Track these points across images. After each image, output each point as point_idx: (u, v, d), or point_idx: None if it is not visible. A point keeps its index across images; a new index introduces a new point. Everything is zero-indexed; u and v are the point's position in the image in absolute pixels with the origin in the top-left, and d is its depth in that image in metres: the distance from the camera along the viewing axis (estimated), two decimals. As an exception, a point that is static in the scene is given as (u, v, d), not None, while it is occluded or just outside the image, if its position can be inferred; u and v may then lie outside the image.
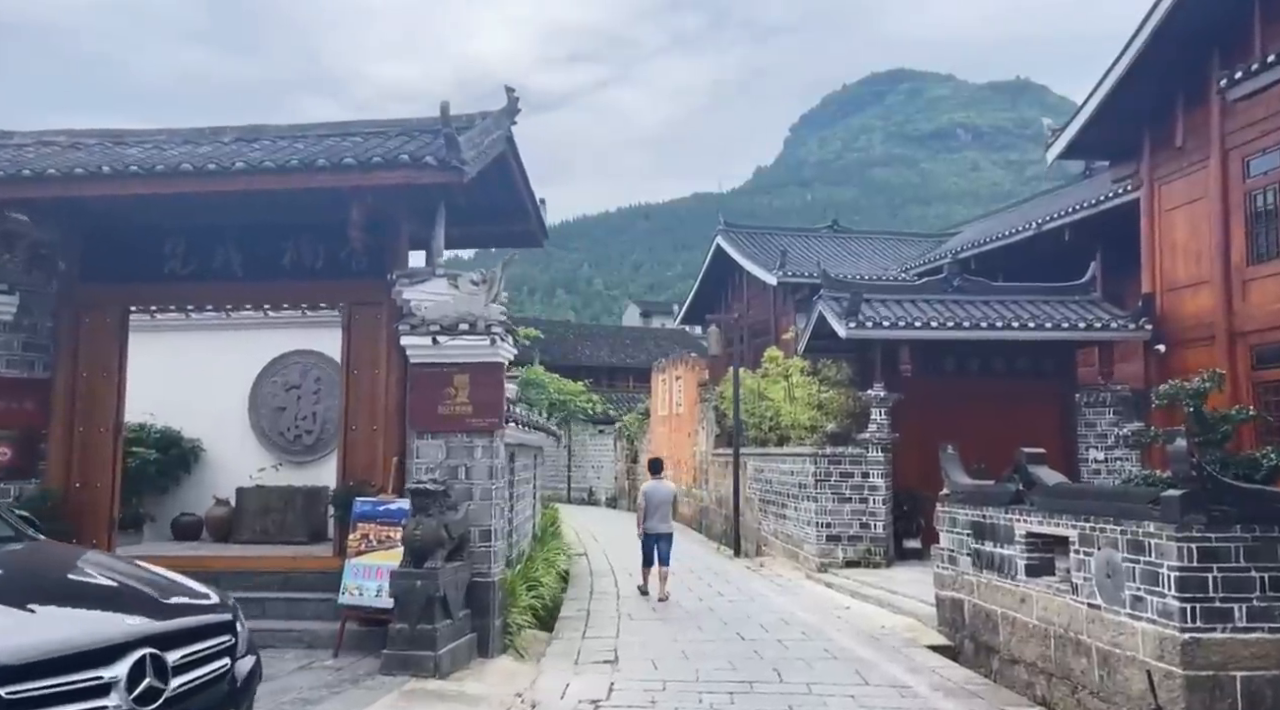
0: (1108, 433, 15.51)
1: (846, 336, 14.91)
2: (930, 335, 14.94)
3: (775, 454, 17.53)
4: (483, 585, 8.38)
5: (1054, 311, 15.52)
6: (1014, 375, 16.10)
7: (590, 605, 12.07)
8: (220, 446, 12.98)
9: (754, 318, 30.82)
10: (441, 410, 8.49)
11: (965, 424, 15.66)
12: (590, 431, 38.15)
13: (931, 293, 16.13)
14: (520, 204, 10.48)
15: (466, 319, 8.40)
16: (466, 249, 12.66)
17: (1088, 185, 24.15)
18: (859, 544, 14.89)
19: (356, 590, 8.03)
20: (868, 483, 15.01)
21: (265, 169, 8.25)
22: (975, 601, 9.23)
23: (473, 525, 8.41)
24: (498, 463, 8.64)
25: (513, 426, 9.53)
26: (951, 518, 9.90)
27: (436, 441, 8.53)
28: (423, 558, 7.61)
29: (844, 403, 16.67)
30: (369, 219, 9.02)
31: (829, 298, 15.86)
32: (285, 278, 9.64)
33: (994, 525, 8.88)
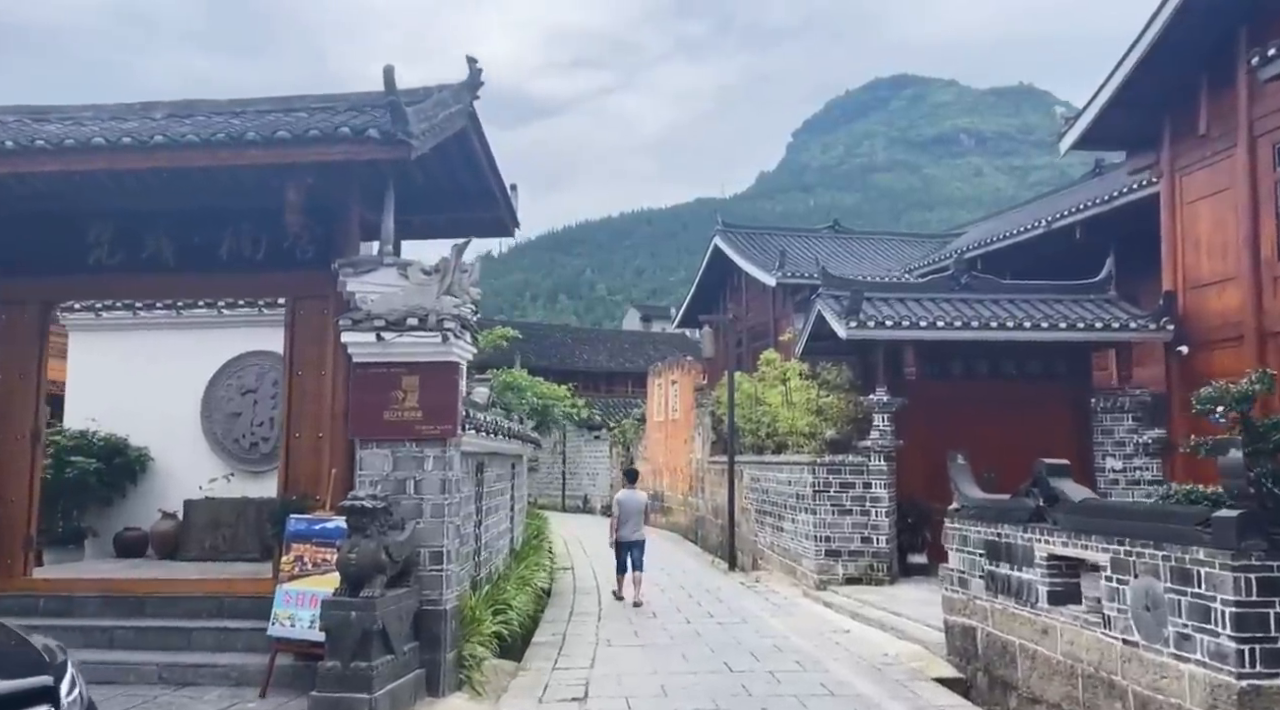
0: (1126, 440, 14.51)
1: (847, 337, 13.94)
2: (936, 335, 13.96)
3: (772, 462, 16.55)
4: (433, 614, 7.41)
5: (1068, 311, 14.54)
6: (1025, 379, 15.13)
7: (567, 628, 11.09)
8: (170, 455, 12.03)
9: (753, 320, 29.86)
10: (388, 416, 7.54)
11: (973, 431, 14.70)
12: (585, 438, 37.20)
13: (937, 291, 15.16)
14: (486, 188, 9.54)
15: (416, 313, 7.45)
16: (431, 239, 11.69)
17: (1098, 183, 23.24)
18: (860, 559, 13.90)
19: (288, 620, 7.07)
20: (870, 494, 14.02)
21: (188, 144, 7.32)
22: (989, 630, 8.24)
23: (421, 546, 7.45)
24: (452, 475, 7.68)
25: (474, 433, 8.57)
26: (962, 535, 8.92)
27: (382, 451, 7.58)
28: (359, 584, 6.65)
29: (844, 408, 15.69)
30: (313, 203, 8.09)
31: (828, 296, 14.90)
32: (222, 269, 8.70)
33: (1010, 545, 7.90)
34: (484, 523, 10.58)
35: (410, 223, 9.81)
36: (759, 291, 29.38)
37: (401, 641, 6.93)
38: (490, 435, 9.96)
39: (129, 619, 8.14)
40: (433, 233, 10.17)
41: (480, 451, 10.13)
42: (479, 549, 10.23)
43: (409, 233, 9.94)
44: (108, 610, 8.28)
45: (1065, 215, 20.56)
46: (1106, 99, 14.41)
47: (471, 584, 9.73)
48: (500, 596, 9.94)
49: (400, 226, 9.64)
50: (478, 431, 9.10)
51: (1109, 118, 14.57)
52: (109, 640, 7.92)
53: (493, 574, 11.09)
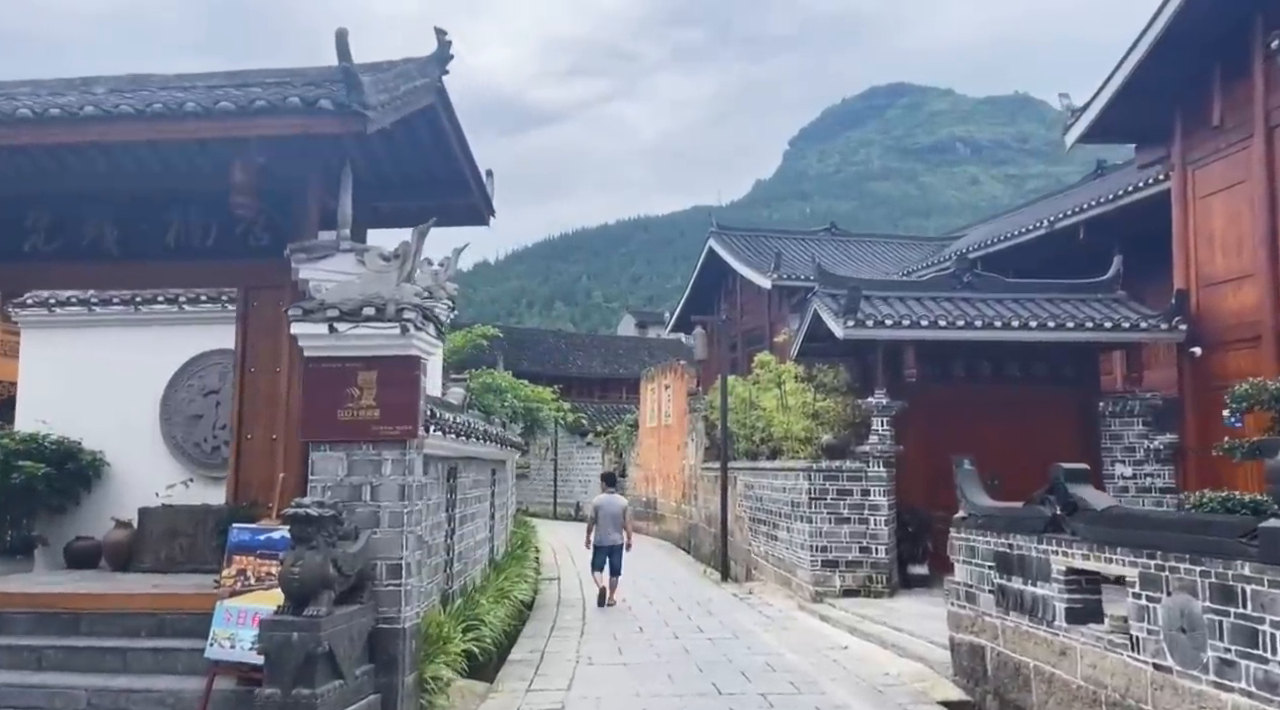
0: (1136, 445, 13.86)
1: (844, 337, 13.29)
2: (938, 335, 13.32)
3: (766, 468, 15.89)
4: (390, 633, 6.73)
5: (1075, 311, 13.91)
6: (1030, 382, 14.50)
7: (547, 645, 10.40)
8: (126, 459, 11.33)
9: (748, 324, 29.22)
10: (342, 415, 6.87)
11: (976, 436, 14.06)
12: (577, 444, 36.56)
13: (939, 290, 14.53)
14: (458, 173, 8.89)
15: (373, 302, 6.79)
16: (401, 228, 11.10)
17: (1100, 184, 22.67)
18: (858, 570, 13.23)
19: (228, 640, 6.38)
20: (868, 501, 13.36)
21: (121, 115, 6.66)
22: (1000, 650, 7.58)
23: (378, 558, 6.78)
24: (413, 480, 7.01)
25: (444, 436, 7.90)
26: (969, 546, 8.26)
27: (336, 454, 6.91)
28: (303, 601, 5.97)
29: (842, 412, 15.03)
30: (267, 185, 7.45)
31: (824, 295, 14.26)
32: (169, 257, 8.04)
33: (1024, 557, 7.24)
34: (457, 532, 9.91)
35: (378, 210, 9.16)
36: (754, 294, 28.76)
37: (353, 665, 6.25)
38: (464, 438, 9.30)
39: (61, 637, 7.46)
40: (403, 221, 9.48)
41: (452, 456, 9.47)
42: (451, 560, 9.56)
43: (377, 221, 9.29)
44: (39, 628, 7.59)
45: (1068, 215, 19.97)
46: (1114, 91, 13.82)
47: (442, 598, 9.06)
48: (473, 611, 9.26)
49: (367, 214, 9.02)
50: (448, 433, 8.44)
51: (1116, 110, 13.98)
52: (37, 661, 7.23)
53: (467, 587, 10.41)
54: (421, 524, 7.51)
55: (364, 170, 8.35)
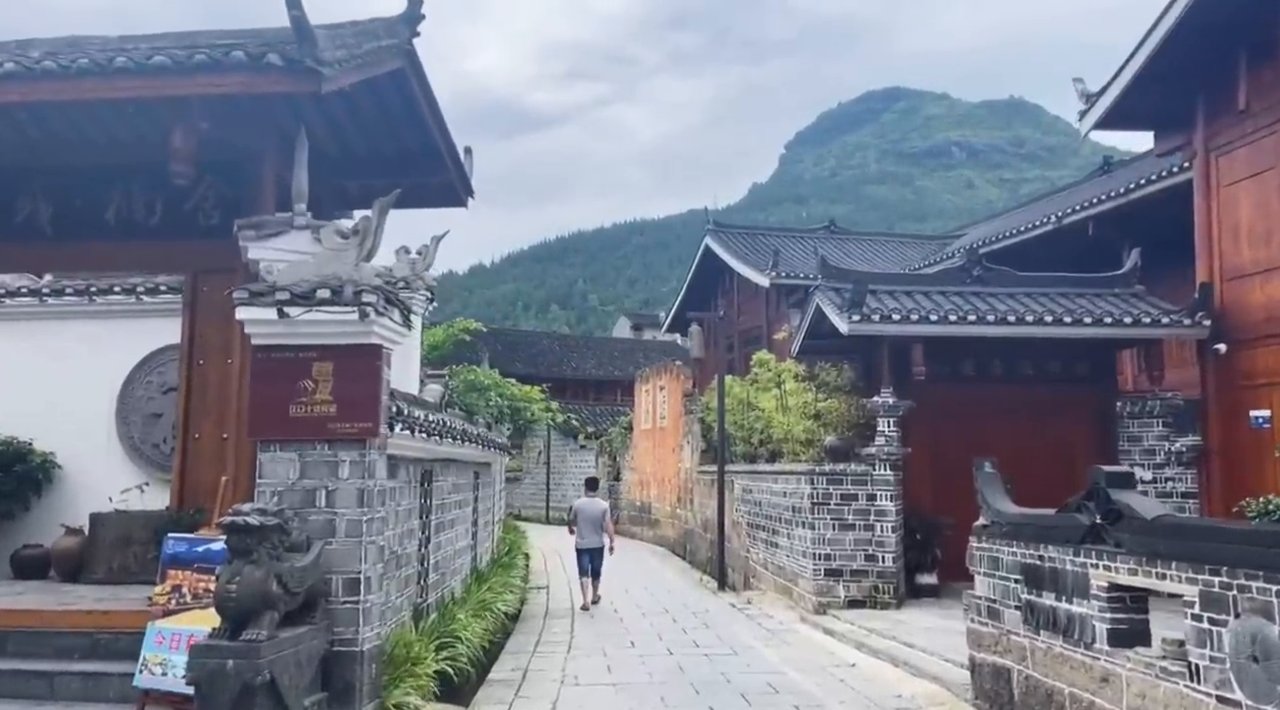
0: (1156, 448, 13.14)
1: (849, 333, 12.55)
2: (948, 331, 12.59)
3: (765, 472, 15.14)
4: (346, 657, 5.97)
5: (1091, 306, 13.19)
6: (1044, 381, 13.77)
7: (531, 661, 9.63)
8: (80, 462, 10.57)
9: (746, 324, 28.51)
10: (294, 411, 6.11)
11: (987, 437, 13.32)
12: (571, 447, 35.80)
13: (947, 284, 13.81)
14: (432, 148, 8.16)
15: (329, 283, 6.03)
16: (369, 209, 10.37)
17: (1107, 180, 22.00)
18: (864, 580, 12.48)
19: (159, 666, 5.61)
20: (874, 506, 12.62)
21: (45, 73, 5.91)
22: (1029, 673, 6.83)
23: (333, 572, 6.01)
24: (373, 484, 6.26)
25: (408, 434, 7.14)
26: (992, 557, 7.52)
27: (287, 455, 6.15)
28: (241, 623, 5.21)
29: (845, 412, 14.30)
30: (217, 156, 6.75)
31: (827, 289, 13.53)
32: (110, 237, 7.31)
33: (1057, 571, 6.50)
34: (433, 540, 9.15)
35: (346, 190, 8.42)
36: (752, 293, 28.05)
37: (300, 695, 5.48)
38: (441, 438, 8.53)
39: (-16, 659, 6.68)
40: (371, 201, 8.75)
41: (427, 457, 8.71)
42: (425, 571, 8.80)
43: (346, 202, 8.55)
44: (-40, 648, 6.81)
45: (1077, 210, 19.30)
46: (1132, 74, 13.09)
47: (415, 613, 8.30)
48: (449, 627, 8.49)
49: (334, 194, 8.28)
50: (420, 433, 7.67)
51: (1134, 94, 13.25)
52: (-47, 687, 6.46)
53: (445, 599, 9.64)
54: (385, 533, 6.75)
55: (327, 143, 7.62)
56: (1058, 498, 8.04)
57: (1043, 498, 8.10)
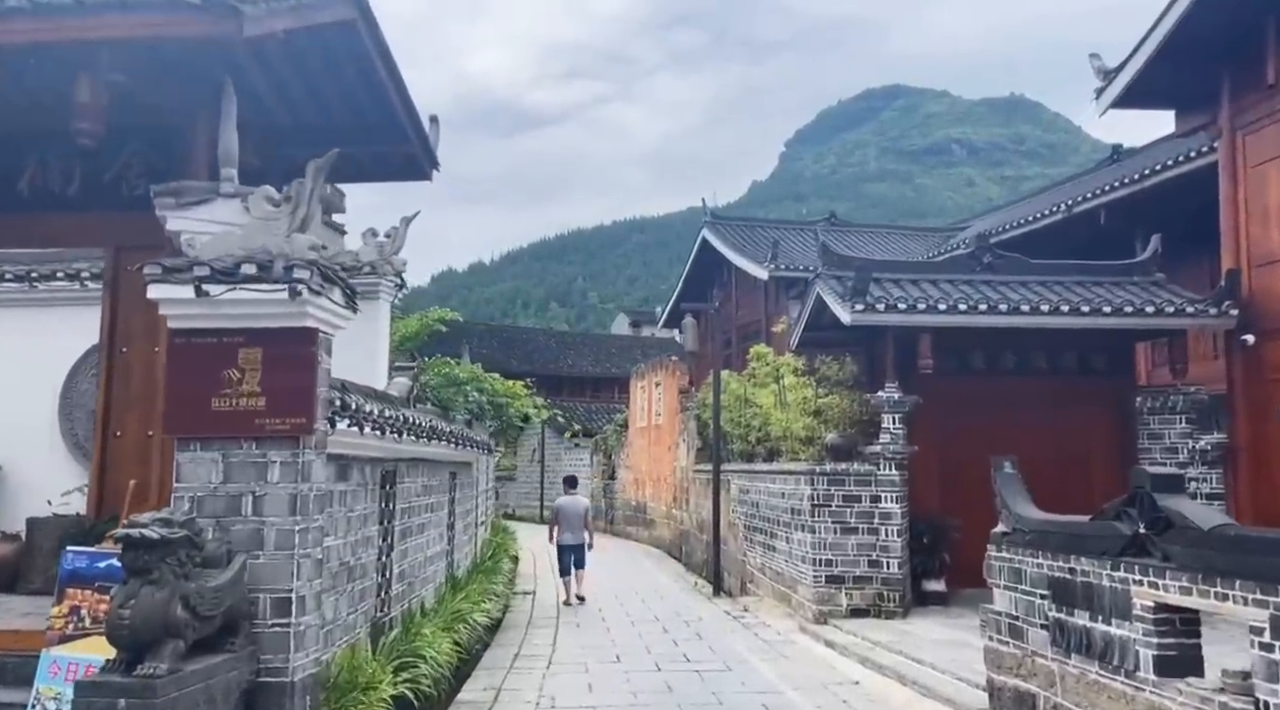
0: (1178, 446, 12.34)
1: (851, 322, 11.75)
2: (957, 320, 11.79)
3: (762, 472, 14.34)
4: (273, 690, 5.17)
5: (1109, 294, 12.38)
6: (1058, 375, 12.98)
7: (505, 680, 8.85)
8: (20, 461, 9.78)
9: (744, 318, 27.71)
10: (217, 405, 5.32)
11: (998, 435, 12.49)
12: (565, 446, 35.09)
13: (956, 272, 13.00)
14: (390, 116, 7.35)
15: (256, 257, 5.23)
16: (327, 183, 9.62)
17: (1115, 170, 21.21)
18: (867, 587, 11.69)
19: (54, 701, 4.83)
20: (878, 508, 11.82)
21: (-77, 14, 5.09)
22: (1058, 701, 6.04)
23: (261, 590, 5.22)
24: (310, 488, 5.46)
25: (357, 432, 6.34)
26: (1014, 569, 6.72)
27: (208, 454, 5.35)
28: (139, 654, 4.42)
29: (847, 408, 13.49)
30: (140, 119, 5.94)
31: (828, 277, 12.73)
32: (22, 210, 6.49)
33: (1091, 587, 5.70)
34: (397, 548, 8.36)
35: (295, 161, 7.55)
36: (750, 287, 27.26)
37: (215, 735, 4.69)
38: (404, 436, 7.73)
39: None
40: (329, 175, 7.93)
41: (389, 457, 7.92)
42: (387, 582, 8.00)
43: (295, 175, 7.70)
44: None
45: (1088, 198, 18.52)
46: (1153, 48, 12.28)
47: (374, 629, 7.51)
48: (412, 644, 7.69)
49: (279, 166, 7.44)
50: (380, 431, 6.87)
51: (1155, 70, 12.44)
52: None
53: (412, 611, 8.85)
54: (327, 542, 5.96)
55: (275, 109, 6.83)
56: (1074, 499, 7.25)
57: (1058, 500, 7.35)
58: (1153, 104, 13.42)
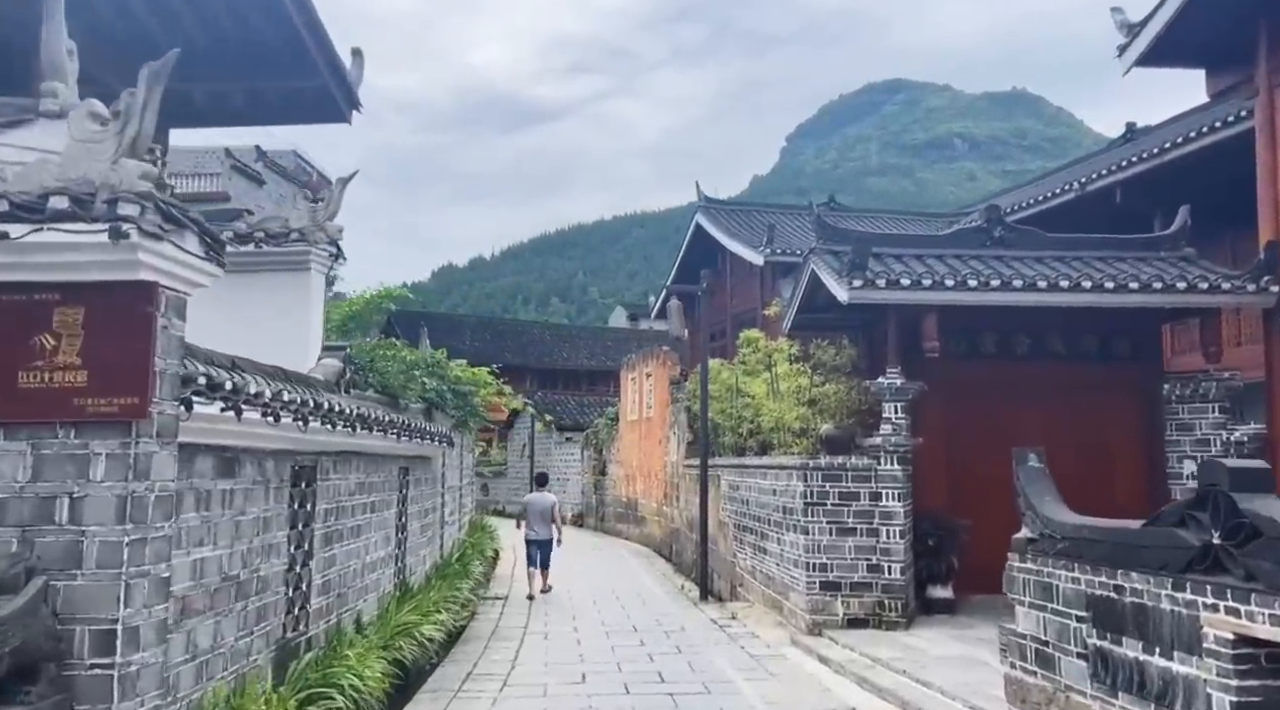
0: (1210, 438, 11.16)
1: (850, 301, 10.56)
2: (968, 298, 10.60)
3: (753, 466, 13.17)
4: (91, 750, 3.99)
5: (1135, 270, 11.19)
6: (1077, 359, 11.80)
7: (449, 707, 7.68)
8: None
9: (739, 307, 26.57)
10: (25, 380, 4.15)
11: (1011, 425, 11.41)
12: (556, 440, 33.91)
13: (965, 246, 11.80)
14: (294, 40, 6.18)
15: (70, 189, 4.05)
16: (226, 126, 8.46)
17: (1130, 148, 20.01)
18: (866, 595, 10.52)
19: None
20: (879, 507, 10.64)
21: None
22: (1100, 750, 4.86)
23: (76, 621, 4.04)
24: (148, 489, 4.28)
25: (231, 418, 5.15)
26: (1042, 583, 5.54)
27: (14, 445, 4.18)
28: None
29: (845, 397, 12.32)
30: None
31: (824, 252, 11.55)
32: None
33: (1146, 611, 4.52)
34: (319, 555, 7.19)
35: (191, 98, 6.44)
36: (745, 275, 26.14)
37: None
38: (325, 425, 6.54)
39: None
40: (227, 115, 6.80)
41: (304, 449, 6.76)
42: (301, 597, 6.84)
43: (189, 115, 6.56)
44: None
45: (1104, 174, 17.41)
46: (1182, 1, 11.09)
47: (282, 654, 6.34)
48: (329, 671, 6.52)
49: (177, 103, 6.28)
50: (274, 417, 5.69)
51: (1185, 23, 11.21)
52: None
53: (340, 628, 7.67)
54: (200, 554, 4.83)
55: (141, 14, 5.60)
56: (1095, 498, 6.10)
57: (1077, 498, 6.30)
58: (1181, 62, 12.20)
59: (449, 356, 14.21)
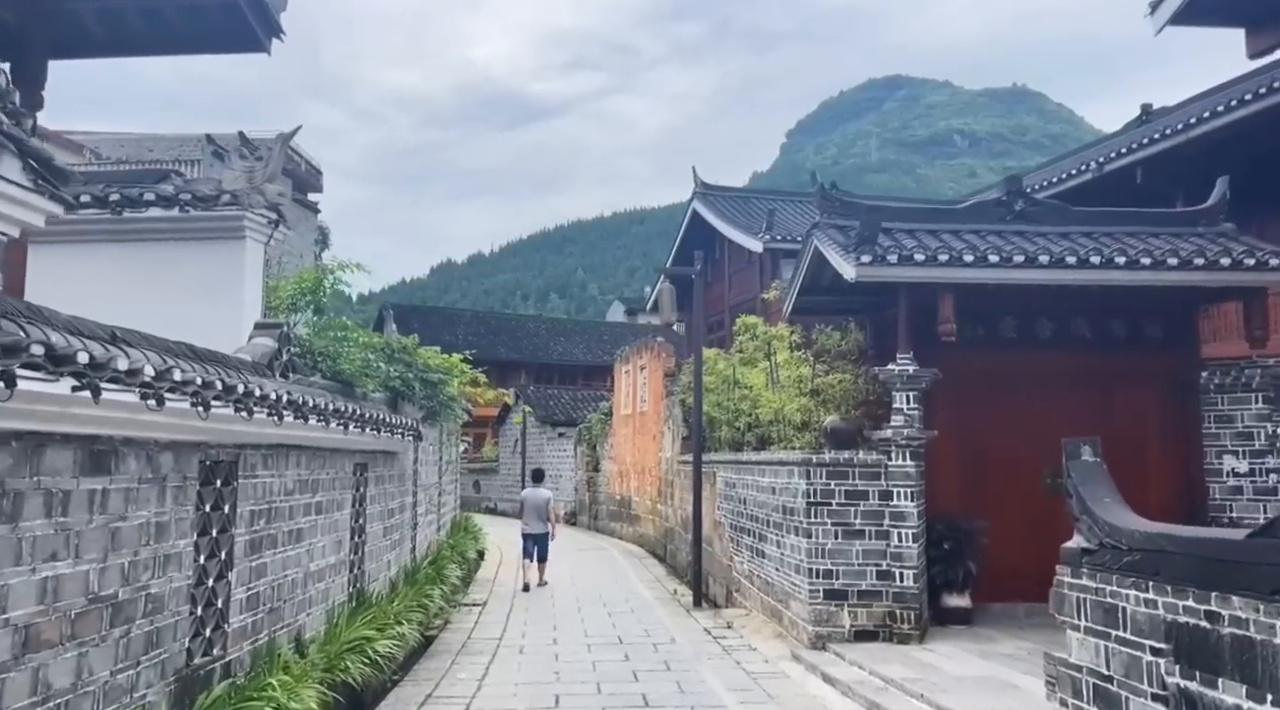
0: (1254, 431, 10.15)
1: (857, 278, 9.52)
2: (988, 275, 9.56)
3: (750, 462, 12.13)
4: None
5: (1170, 247, 10.14)
6: (1105, 345, 10.80)
7: (397, 738, 6.67)
8: None
9: (737, 297, 25.54)
10: None
11: (1031, 418, 10.54)
12: (548, 435, 32.89)
13: (983, 221, 10.76)
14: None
15: None
16: (124, 55, 7.58)
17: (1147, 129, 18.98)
18: (875, 604, 9.49)
19: None
20: (889, 507, 9.61)
21: None
22: (1187, 820, 3.83)
23: None
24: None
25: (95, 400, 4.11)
26: (1103, 605, 4.51)
27: None
28: None
29: (850, 387, 11.32)
30: None
31: (828, 227, 10.51)
32: None
33: (1252, 644, 3.49)
34: (243, 565, 6.16)
35: (80, 20, 5.35)
36: (744, 263, 25.12)
37: None
38: (240, 413, 5.50)
39: None
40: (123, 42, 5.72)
41: (220, 441, 5.73)
42: (216, 615, 5.81)
43: (79, 43, 5.49)
44: None
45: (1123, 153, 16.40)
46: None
47: (182, 686, 5.30)
48: (246, 705, 5.49)
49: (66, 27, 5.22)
50: (157, 400, 4.65)
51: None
52: None
53: (273, 650, 6.63)
54: (53, 571, 3.78)
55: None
56: (1127, 496, 5.13)
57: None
58: (1218, 19, 11.11)
59: (443, 351, 13.16)
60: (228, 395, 5.27)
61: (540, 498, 15.22)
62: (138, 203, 7.43)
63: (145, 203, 7.43)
